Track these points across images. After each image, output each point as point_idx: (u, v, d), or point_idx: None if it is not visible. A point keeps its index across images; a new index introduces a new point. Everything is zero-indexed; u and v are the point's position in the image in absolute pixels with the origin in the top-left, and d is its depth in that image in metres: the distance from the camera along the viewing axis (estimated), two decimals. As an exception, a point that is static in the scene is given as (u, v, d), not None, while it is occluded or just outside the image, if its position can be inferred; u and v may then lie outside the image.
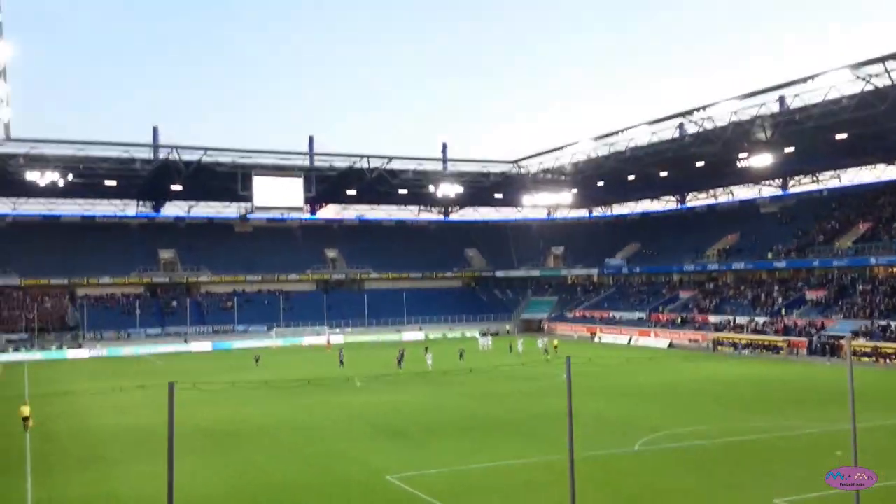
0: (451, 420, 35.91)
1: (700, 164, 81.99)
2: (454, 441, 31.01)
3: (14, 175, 78.65)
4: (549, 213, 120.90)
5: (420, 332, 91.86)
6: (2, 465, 27.98)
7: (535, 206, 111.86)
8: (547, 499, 22.29)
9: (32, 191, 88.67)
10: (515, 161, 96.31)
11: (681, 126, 74.27)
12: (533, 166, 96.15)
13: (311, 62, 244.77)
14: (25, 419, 32.83)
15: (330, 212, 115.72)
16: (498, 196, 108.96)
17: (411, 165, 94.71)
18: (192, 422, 34.59)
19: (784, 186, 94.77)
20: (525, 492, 23.32)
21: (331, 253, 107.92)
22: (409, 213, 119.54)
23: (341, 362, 57.72)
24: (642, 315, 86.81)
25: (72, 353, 77.22)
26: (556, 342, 69.05)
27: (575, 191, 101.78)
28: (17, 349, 76.98)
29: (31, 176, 78.20)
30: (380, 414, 37.95)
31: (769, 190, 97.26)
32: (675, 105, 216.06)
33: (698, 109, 68.62)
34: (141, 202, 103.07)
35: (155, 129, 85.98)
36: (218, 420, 36.44)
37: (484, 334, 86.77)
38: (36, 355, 75.42)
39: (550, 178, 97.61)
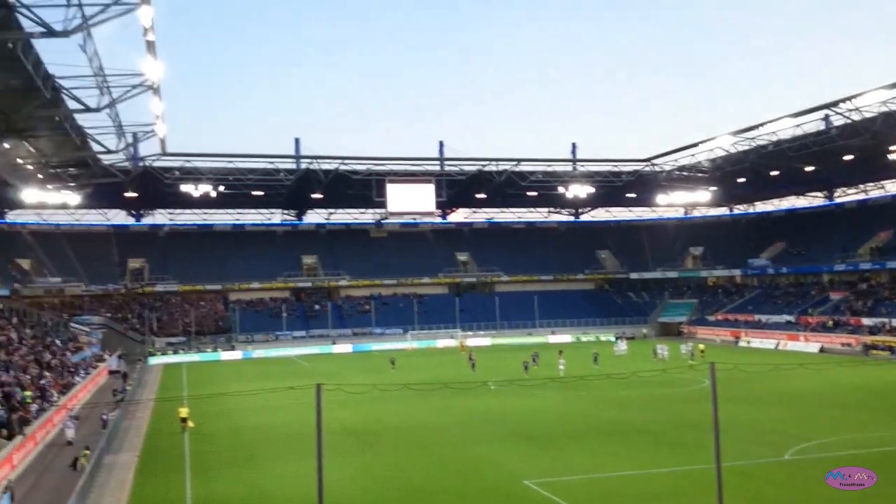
0: (590, 426, 35.68)
1: (848, 157, 77.09)
2: (593, 447, 30.83)
3: (170, 188, 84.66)
4: (685, 212, 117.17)
5: (552, 336, 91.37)
6: (164, 464, 30.32)
7: (671, 205, 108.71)
8: (691, 509, 21.79)
9: (187, 202, 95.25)
10: (648, 159, 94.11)
11: (826, 118, 70.29)
12: (667, 164, 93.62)
13: (439, 67, 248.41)
14: (184, 420, 35.17)
15: (460, 215, 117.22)
16: (630, 195, 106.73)
17: (540, 167, 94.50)
18: (338, 423, 36.22)
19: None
20: (669, 501, 22.92)
21: (462, 256, 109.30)
22: (538, 214, 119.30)
23: (473, 366, 58.15)
24: (790, 318, 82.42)
25: (225, 355, 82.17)
26: (702, 347, 66.88)
27: (713, 188, 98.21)
28: (175, 351, 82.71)
29: (186, 188, 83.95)
30: (516, 418, 38.23)
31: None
32: (819, 97, 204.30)
33: (845, 100, 64.67)
34: (285, 211, 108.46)
35: (297, 141, 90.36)
36: (362, 421, 37.93)
37: (619, 338, 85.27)
38: (193, 357, 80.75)
39: (686, 176, 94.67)
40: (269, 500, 24.39)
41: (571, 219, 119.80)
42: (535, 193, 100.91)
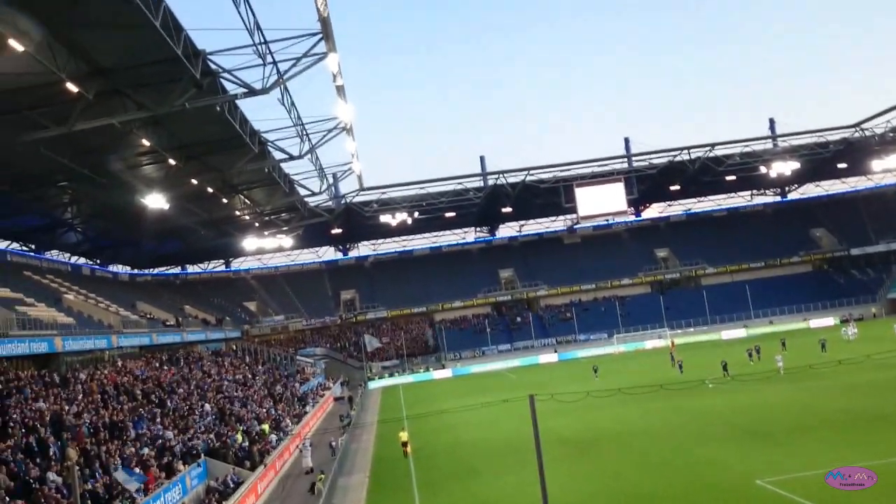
0: (822, 417, 33.10)
1: None
2: (828, 439, 28.56)
3: (370, 220, 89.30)
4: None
5: (770, 326, 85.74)
6: (392, 482, 31.76)
7: (888, 170, 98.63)
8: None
9: (387, 232, 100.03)
10: (857, 124, 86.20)
11: None
12: (879, 127, 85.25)
13: (620, 63, 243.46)
14: (404, 444, 36.55)
15: (654, 211, 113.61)
16: (841, 166, 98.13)
17: (736, 149, 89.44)
18: (553, 432, 36.16)
19: None
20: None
21: (661, 252, 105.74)
22: (740, 199, 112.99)
23: (680, 369, 55.25)
24: None
25: (437, 374, 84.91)
26: None
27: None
28: (391, 374, 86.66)
29: (384, 219, 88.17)
30: (738, 415, 36.25)
31: None
32: None
33: None
34: (478, 228, 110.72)
35: (482, 159, 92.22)
36: (577, 429, 37.64)
37: (845, 321, 78.57)
38: (407, 378, 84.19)
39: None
40: (494, 513, 24.83)
41: (778, 199, 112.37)
42: (733, 177, 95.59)
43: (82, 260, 74.86)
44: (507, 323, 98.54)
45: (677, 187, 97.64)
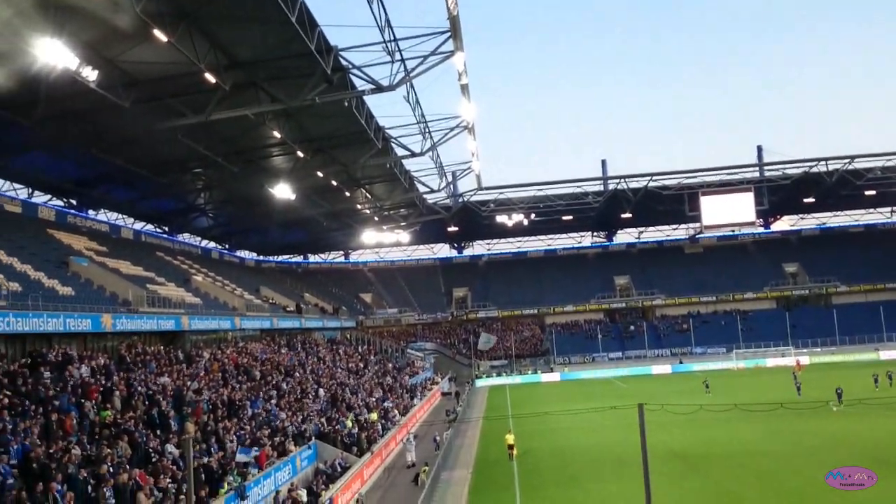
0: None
1: None
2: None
3: (487, 220, 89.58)
4: None
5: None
6: (494, 481, 31.76)
7: None
8: None
9: (502, 232, 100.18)
10: None
11: None
12: None
13: (752, 70, 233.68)
14: (510, 447, 36.15)
15: (785, 223, 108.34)
16: None
17: (878, 162, 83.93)
18: (663, 445, 35.19)
19: None
20: None
21: (790, 267, 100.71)
22: (880, 215, 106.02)
23: (798, 391, 52.18)
24: None
25: (544, 377, 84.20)
26: None
27: None
28: (499, 374, 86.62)
29: (501, 219, 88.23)
30: (865, 442, 34.08)
31: None
32: None
33: None
34: (594, 233, 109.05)
35: (603, 163, 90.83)
36: (688, 444, 36.44)
37: None
38: (515, 379, 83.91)
39: None
40: (595, 521, 24.41)
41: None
42: (873, 192, 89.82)
43: (212, 244, 78.77)
44: (619, 331, 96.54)
45: (811, 200, 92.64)
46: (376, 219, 78.84)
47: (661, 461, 31.47)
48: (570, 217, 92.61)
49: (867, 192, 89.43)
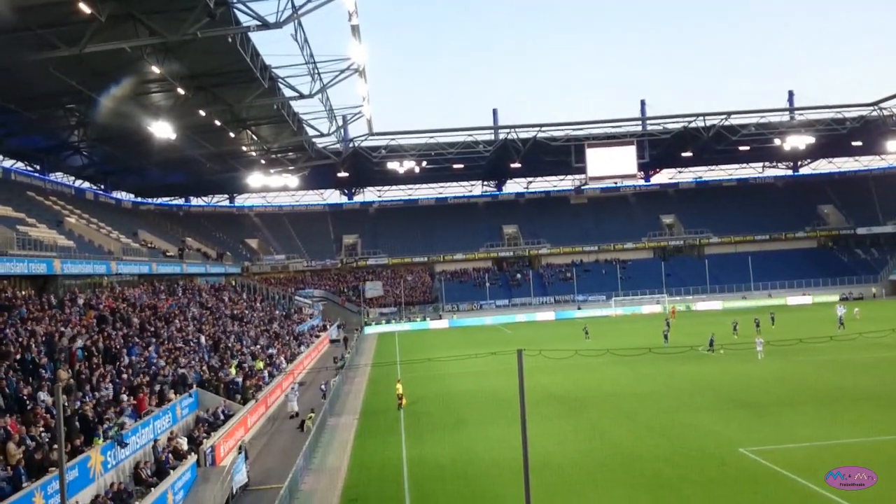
0: (810, 391, 33.31)
1: None
2: (814, 414, 28.77)
3: (378, 166, 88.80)
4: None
5: (769, 299, 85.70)
6: (381, 426, 32.10)
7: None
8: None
9: (393, 179, 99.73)
10: (876, 103, 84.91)
11: None
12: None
13: (638, 24, 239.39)
14: (399, 397, 36.12)
15: (664, 177, 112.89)
16: (857, 144, 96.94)
17: (752, 119, 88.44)
18: (542, 389, 36.48)
19: None
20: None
21: (667, 219, 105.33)
22: (751, 170, 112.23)
23: (665, 337, 53.85)
24: None
25: (433, 324, 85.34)
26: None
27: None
28: (388, 321, 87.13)
29: (392, 166, 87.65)
30: (728, 384, 36.44)
31: None
32: None
33: None
34: (485, 182, 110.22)
35: (494, 112, 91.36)
36: (567, 388, 37.90)
37: (844, 298, 78.55)
38: (404, 326, 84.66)
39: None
40: (477, 462, 25.08)
41: (789, 173, 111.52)
42: (747, 148, 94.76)
43: (86, 184, 74.69)
44: (507, 279, 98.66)
45: (689, 154, 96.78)
46: (263, 162, 76.67)
47: (540, 404, 32.69)
48: (461, 166, 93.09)
49: (741, 148, 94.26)
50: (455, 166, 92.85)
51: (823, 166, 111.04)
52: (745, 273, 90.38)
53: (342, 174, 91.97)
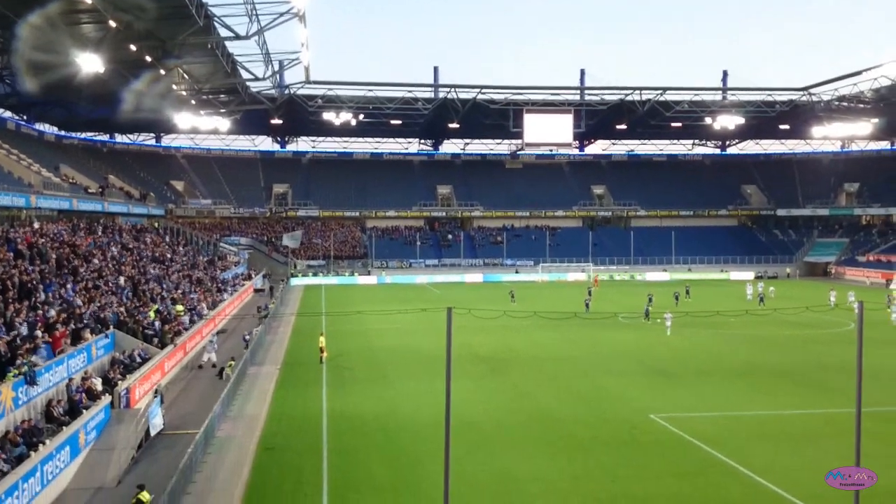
0: (723, 364, 34.62)
1: None
2: (724, 385, 29.95)
3: (313, 115, 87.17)
4: (842, 146, 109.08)
5: (689, 273, 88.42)
6: (303, 378, 31.97)
7: (827, 137, 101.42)
8: (827, 449, 20.93)
9: (329, 130, 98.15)
10: (805, 88, 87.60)
11: None
12: (826, 94, 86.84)
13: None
14: (321, 350, 35.74)
15: (598, 147, 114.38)
16: (784, 127, 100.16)
17: (687, 96, 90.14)
18: (468, 348, 36.91)
19: None
20: (802, 441, 22.09)
21: (598, 189, 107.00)
22: (682, 147, 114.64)
23: (587, 306, 53.80)
24: (955, 262, 76.02)
25: (361, 279, 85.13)
26: (894, 291, 61.55)
27: (875, 120, 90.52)
28: (315, 274, 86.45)
29: (328, 116, 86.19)
30: (646, 353, 37.59)
31: None
32: None
33: None
34: (422, 140, 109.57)
35: (435, 70, 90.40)
36: (492, 348, 38.44)
37: (759, 276, 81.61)
38: (331, 280, 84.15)
39: (847, 107, 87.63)
40: (398, 416, 25.31)
41: (717, 151, 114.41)
42: (679, 125, 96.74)
43: (8, 113, 71.19)
44: (438, 239, 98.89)
45: (624, 127, 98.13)
46: (193, 102, 74.16)
47: (466, 363, 33.13)
48: (399, 122, 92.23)
49: (674, 124, 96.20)
50: (393, 122, 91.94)
51: (750, 147, 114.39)
52: (668, 247, 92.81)
53: (276, 121, 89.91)
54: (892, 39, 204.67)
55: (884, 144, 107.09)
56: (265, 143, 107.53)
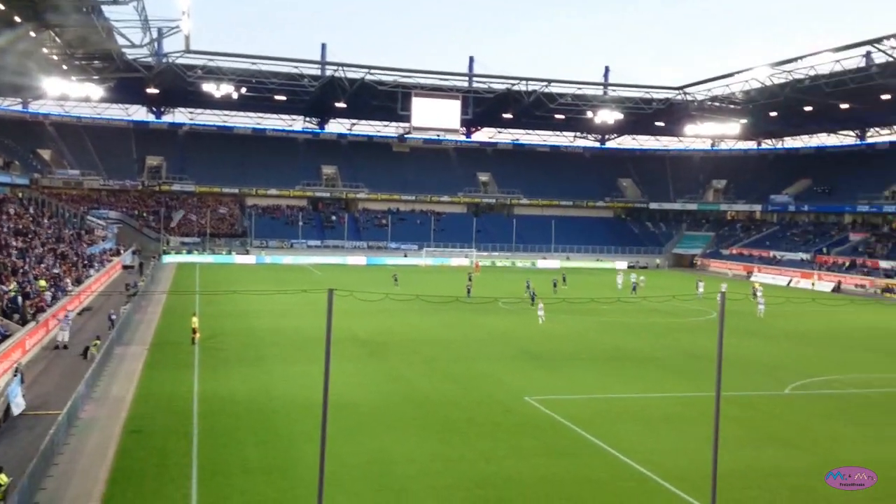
0: (593, 349, 35.88)
1: (886, 96, 75.02)
2: (595, 370, 31.06)
3: (192, 86, 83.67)
4: (712, 144, 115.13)
5: (567, 261, 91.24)
6: (173, 359, 30.82)
7: (699, 136, 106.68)
8: (687, 432, 22.07)
9: (208, 102, 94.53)
10: (681, 88, 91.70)
11: (868, 55, 68.30)
12: (700, 94, 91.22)
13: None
14: (194, 331, 34.24)
15: (484, 135, 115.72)
16: (659, 124, 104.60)
17: (571, 89, 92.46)
18: (348, 331, 36.59)
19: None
20: (665, 423, 23.15)
21: (483, 176, 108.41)
22: (564, 139, 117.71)
23: (468, 292, 54.23)
24: (806, 256, 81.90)
25: (239, 259, 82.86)
26: (756, 284, 65.06)
27: (744, 121, 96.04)
28: (189, 251, 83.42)
29: (208, 88, 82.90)
30: (522, 337, 38.45)
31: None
32: (862, 32, 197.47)
33: (889, 37, 62.39)
34: (307, 118, 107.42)
35: (323, 46, 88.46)
36: (372, 331, 38.25)
37: (632, 266, 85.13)
38: (206, 258, 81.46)
39: (718, 107, 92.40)
40: (273, 399, 24.78)
41: (597, 145, 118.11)
42: (562, 117, 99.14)
43: None
44: (321, 220, 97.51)
45: (510, 116, 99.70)
46: (65, 67, 69.61)
47: (345, 345, 32.84)
48: (284, 98, 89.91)
49: (557, 116, 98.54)
50: (277, 97, 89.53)
51: (627, 142, 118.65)
52: (549, 235, 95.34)
53: (152, 90, 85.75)
54: (765, 43, 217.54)
55: (751, 144, 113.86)
56: (140, 113, 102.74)
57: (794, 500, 17.06)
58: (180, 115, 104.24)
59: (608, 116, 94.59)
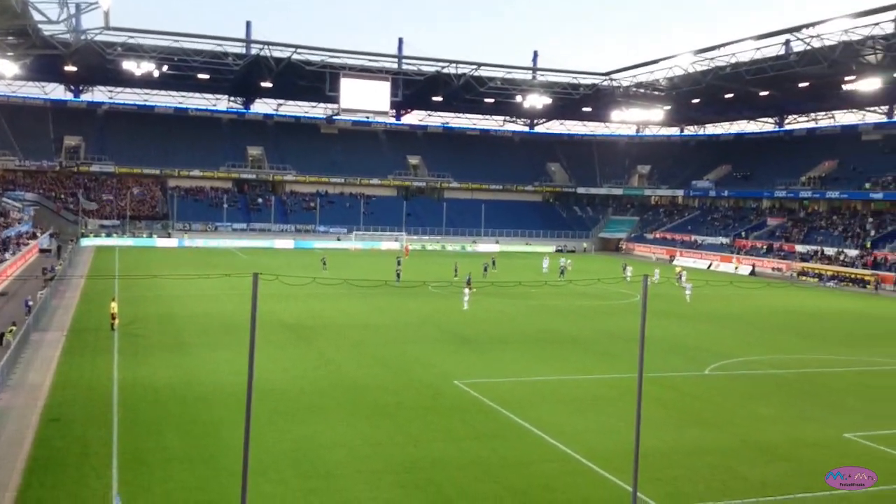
0: (521, 332, 36.26)
1: (803, 84, 78.01)
2: (522, 353, 31.41)
3: (111, 64, 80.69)
4: (637, 130, 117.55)
5: (496, 245, 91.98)
6: (91, 345, 29.82)
7: (624, 121, 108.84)
8: (611, 413, 22.55)
9: (128, 81, 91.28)
10: (608, 74, 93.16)
11: (787, 43, 70.62)
12: (626, 80, 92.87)
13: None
14: (113, 316, 33.20)
15: (414, 118, 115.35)
16: (586, 110, 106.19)
17: (500, 74, 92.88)
18: (274, 316, 36.07)
19: (890, 114, 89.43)
20: (589, 405, 23.59)
21: (413, 160, 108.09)
22: (493, 122, 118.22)
23: (398, 276, 53.16)
24: (726, 240, 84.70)
25: (160, 242, 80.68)
26: (679, 269, 66.24)
27: (667, 107, 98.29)
28: (109, 234, 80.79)
29: (128, 66, 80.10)
30: (451, 321, 38.60)
31: (874, 116, 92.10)
32: (784, 21, 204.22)
33: (808, 26, 64.74)
34: (231, 98, 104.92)
35: (248, 24, 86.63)
36: (299, 316, 37.82)
37: (559, 250, 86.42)
38: (126, 241, 79.10)
39: (643, 94, 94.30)
40: (196, 386, 24.21)
41: (526, 129, 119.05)
42: (492, 101, 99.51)
43: None
44: (247, 202, 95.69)
45: (440, 99, 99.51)
46: (-27, 41, 66.35)
47: (270, 330, 32.34)
48: (207, 77, 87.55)
49: (487, 100, 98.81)
50: (200, 76, 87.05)
51: (556, 127, 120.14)
52: (479, 219, 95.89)
53: (70, 68, 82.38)
54: (689, 31, 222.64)
55: (674, 130, 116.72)
56: (57, 92, 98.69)
57: (713, 478, 17.60)
58: (99, 94, 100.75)
59: (537, 101, 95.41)
